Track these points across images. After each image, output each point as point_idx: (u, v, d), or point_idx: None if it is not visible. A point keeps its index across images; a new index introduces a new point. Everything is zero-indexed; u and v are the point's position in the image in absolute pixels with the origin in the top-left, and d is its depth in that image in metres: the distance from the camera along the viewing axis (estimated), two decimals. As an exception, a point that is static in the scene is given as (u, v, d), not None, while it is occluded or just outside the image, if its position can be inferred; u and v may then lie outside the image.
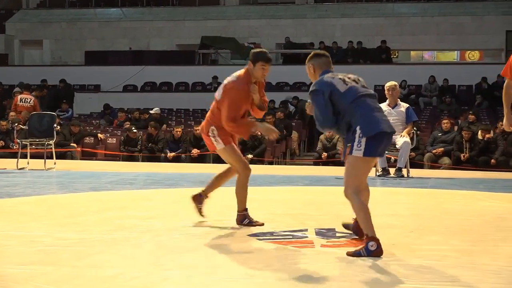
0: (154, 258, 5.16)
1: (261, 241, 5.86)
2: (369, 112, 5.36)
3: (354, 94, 5.40)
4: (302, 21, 27.80)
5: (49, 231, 6.33)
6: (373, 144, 5.30)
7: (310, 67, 5.76)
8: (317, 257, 5.22)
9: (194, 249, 5.51)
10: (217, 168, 13.45)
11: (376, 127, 5.31)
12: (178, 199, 8.79)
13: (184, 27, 28.42)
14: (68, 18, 28.85)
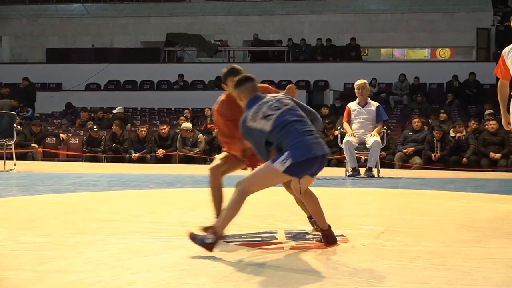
0: (119, 261, 5.04)
1: (229, 244, 5.78)
2: (298, 137, 5.29)
3: (281, 125, 5.32)
4: (270, 18, 27.71)
5: (9, 234, 6.20)
6: (300, 167, 5.29)
7: (238, 96, 5.63)
8: (287, 260, 5.15)
9: (160, 252, 5.40)
10: (183, 168, 13.31)
11: (305, 153, 5.27)
12: (143, 200, 8.67)
13: (149, 24, 28.20)
14: (28, 14, 28.49)
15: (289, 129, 5.32)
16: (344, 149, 11.76)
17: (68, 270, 4.79)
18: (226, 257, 5.25)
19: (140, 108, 22.99)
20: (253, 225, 6.70)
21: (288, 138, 5.28)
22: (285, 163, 5.22)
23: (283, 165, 5.23)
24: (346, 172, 11.85)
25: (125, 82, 24.93)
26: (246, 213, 7.45)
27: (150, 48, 27.48)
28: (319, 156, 5.34)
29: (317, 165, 5.39)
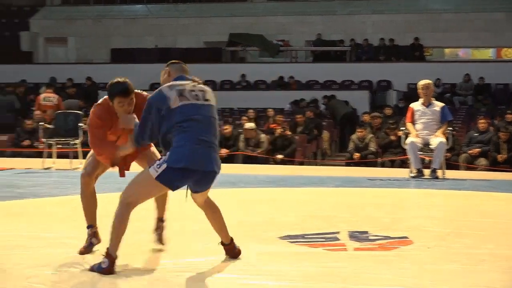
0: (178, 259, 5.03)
1: (292, 244, 5.75)
2: (185, 141, 4.74)
3: (184, 115, 4.77)
4: (332, 18, 27.55)
5: (75, 233, 6.24)
6: (173, 175, 4.72)
7: (165, 71, 5.25)
8: (350, 261, 5.12)
9: (219, 252, 5.36)
10: (245, 168, 13.34)
11: (181, 161, 4.71)
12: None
13: (211, 24, 28.31)
14: (93, 15, 28.86)
15: (186, 126, 4.78)
16: (408, 150, 11.62)
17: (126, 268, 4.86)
18: (288, 257, 5.24)
19: (202, 108, 23.10)
20: (316, 225, 6.66)
21: (177, 137, 4.75)
22: (159, 168, 4.70)
23: (157, 171, 4.71)
24: (410, 173, 11.71)
25: (188, 82, 25.10)
26: (309, 214, 7.46)
27: (212, 48, 27.60)
28: (199, 171, 4.82)
29: (194, 180, 4.87)
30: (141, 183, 4.81)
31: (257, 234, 6.22)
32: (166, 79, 5.13)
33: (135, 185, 4.82)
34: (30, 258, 5.21)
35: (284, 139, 15.46)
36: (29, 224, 6.78)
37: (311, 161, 16.33)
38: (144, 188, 4.82)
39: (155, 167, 4.72)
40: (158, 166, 4.71)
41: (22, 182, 10.52)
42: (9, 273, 4.76)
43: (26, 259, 5.15)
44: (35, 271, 4.79)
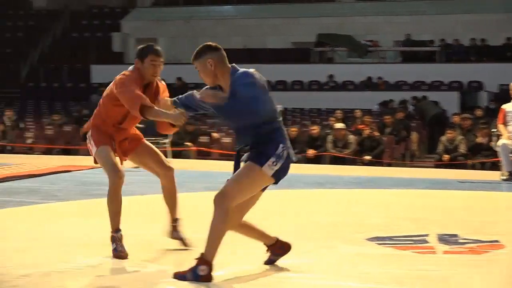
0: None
1: (380, 246, 5.71)
2: (286, 135, 4.64)
3: (274, 110, 4.62)
4: (421, 18, 27.17)
5: (164, 230, 6.33)
6: (285, 170, 4.64)
7: (210, 62, 4.63)
8: (439, 264, 5.04)
9: (310, 251, 5.40)
10: (333, 169, 13.28)
11: (293, 155, 4.67)
12: (293, 200, 8.69)
13: (299, 25, 28.28)
14: (182, 16, 29.21)
15: (278, 122, 4.64)
16: (500, 152, 11.39)
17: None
18: (375, 259, 5.20)
19: (290, 108, 23.12)
20: (405, 227, 6.58)
21: (282, 131, 4.59)
22: (275, 165, 4.52)
23: (272, 168, 4.53)
24: (501, 176, 11.46)
25: (276, 82, 25.14)
26: (397, 216, 7.38)
27: (300, 49, 27.59)
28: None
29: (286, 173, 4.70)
30: (249, 182, 4.56)
31: (345, 235, 6.20)
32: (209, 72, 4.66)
33: (240, 184, 4.54)
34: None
35: (372, 140, 15.34)
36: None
37: (399, 162, 16.15)
38: (253, 187, 4.61)
39: (270, 165, 4.50)
40: (274, 164, 4.50)
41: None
42: (99, 269, 4.86)
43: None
44: (124, 268, 4.88)
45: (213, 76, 4.63)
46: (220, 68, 4.63)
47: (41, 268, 4.86)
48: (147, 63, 5.26)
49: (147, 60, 5.25)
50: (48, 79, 26.79)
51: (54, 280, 4.57)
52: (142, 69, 5.26)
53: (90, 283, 4.51)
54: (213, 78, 4.63)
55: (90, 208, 7.78)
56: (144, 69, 5.26)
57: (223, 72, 4.64)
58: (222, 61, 4.66)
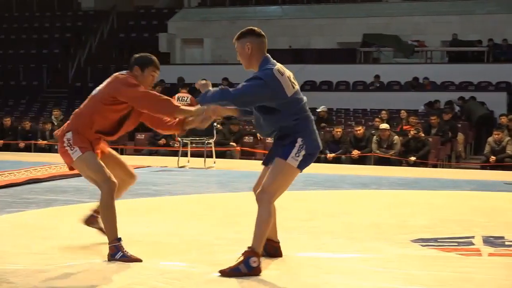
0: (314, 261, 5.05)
1: (424, 247, 5.68)
2: (312, 127, 4.84)
3: (299, 103, 4.79)
4: (469, 18, 26.85)
5: (208, 230, 6.39)
6: (308, 160, 4.82)
7: (248, 46, 4.84)
8: (484, 267, 5.00)
9: (354, 252, 5.38)
10: (378, 170, 13.21)
11: (317, 145, 4.86)
12: (338, 200, 8.67)
13: (345, 25, 28.16)
14: (228, 16, 29.26)
15: (304, 112, 4.82)
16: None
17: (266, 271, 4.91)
18: (419, 261, 5.17)
19: (335, 109, 23.04)
20: (450, 229, 6.53)
21: (302, 124, 4.77)
22: (298, 156, 4.75)
23: (296, 160, 4.76)
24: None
25: (321, 82, 25.06)
26: (442, 217, 7.32)
27: (346, 49, 27.47)
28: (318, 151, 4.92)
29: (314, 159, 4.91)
30: (283, 177, 4.80)
31: (389, 236, 6.17)
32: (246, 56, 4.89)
33: (277, 180, 4.78)
34: (165, 253, 5.34)
35: (418, 141, 15.22)
36: (165, 221, 6.96)
37: (445, 163, 16.00)
38: (287, 180, 4.85)
39: (293, 157, 4.73)
40: (297, 155, 4.74)
41: (158, 180, 10.81)
42: (145, 268, 4.90)
43: (161, 255, 5.29)
44: (170, 267, 4.92)
45: (248, 60, 4.85)
46: (256, 54, 4.84)
47: (85, 265, 4.94)
48: (147, 73, 5.30)
49: (148, 70, 5.31)
50: (95, 79, 27.05)
51: (97, 277, 4.64)
52: (140, 78, 5.28)
53: (133, 281, 4.56)
54: (248, 61, 4.86)
55: (135, 207, 7.85)
56: (142, 78, 5.29)
57: (257, 59, 4.85)
58: (259, 48, 4.85)
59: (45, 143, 17.27)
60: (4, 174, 10.66)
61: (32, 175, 10.67)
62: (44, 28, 30.16)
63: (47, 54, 28.22)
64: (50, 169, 11.61)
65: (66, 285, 4.47)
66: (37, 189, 9.38)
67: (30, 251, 5.39)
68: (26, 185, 9.75)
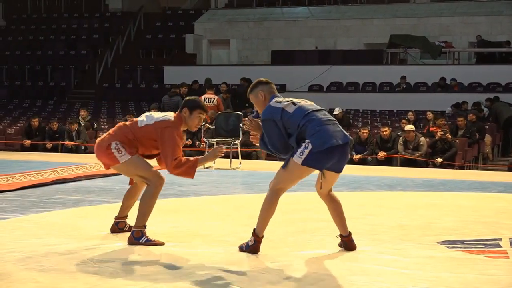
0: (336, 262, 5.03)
1: (451, 249, 5.65)
2: (319, 126, 5.24)
3: (303, 112, 5.29)
4: (497, 18, 26.65)
5: (233, 230, 6.39)
6: (321, 157, 5.20)
7: (261, 94, 5.52)
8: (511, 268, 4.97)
9: (378, 254, 5.38)
10: (404, 171, 13.15)
11: (326, 142, 5.18)
12: (363, 202, 8.64)
13: (372, 26, 28.06)
14: (255, 17, 29.26)
15: (310, 117, 5.27)
16: None
17: (280, 269, 4.90)
18: (446, 263, 5.13)
19: (361, 110, 22.95)
20: (477, 231, 6.48)
21: (309, 127, 5.22)
22: (302, 154, 5.19)
23: (300, 157, 5.19)
24: None
25: (347, 83, 24.98)
26: (469, 219, 7.27)
27: (372, 50, 27.35)
28: (339, 146, 5.22)
29: (338, 156, 5.27)
30: (287, 171, 5.30)
31: (415, 238, 6.15)
32: (261, 102, 5.52)
33: (282, 174, 5.33)
34: (188, 254, 5.36)
35: (445, 142, 15.13)
36: (189, 221, 6.98)
37: (472, 165, 15.91)
38: (290, 175, 5.33)
39: (298, 155, 5.20)
40: (301, 154, 5.19)
41: (183, 180, 10.77)
42: (166, 267, 4.91)
43: (184, 256, 5.30)
44: (192, 269, 4.92)
45: (263, 106, 5.47)
46: (268, 98, 5.49)
47: (111, 265, 4.95)
48: (194, 115, 5.82)
49: (196, 113, 5.82)
50: (122, 80, 27.20)
51: (124, 276, 4.66)
52: (187, 119, 5.82)
53: (159, 279, 4.57)
54: (263, 107, 5.46)
55: (161, 207, 7.86)
56: (190, 119, 5.82)
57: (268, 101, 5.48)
58: (271, 93, 5.51)
59: (72, 144, 17.37)
60: (31, 174, 10.73)
61: (59, 176, 10.73)
62: (72, 29, 30.39)
63: (75, 55, 28.42)
64: (77, 169, 11.68)
65: (93, 285, 4.49)
66: (64, 189, 9.43)
67: (57, 251, 5.42)
68: (53, 185, 9.81)
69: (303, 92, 24.16)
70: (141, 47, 29.35)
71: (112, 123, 20.59)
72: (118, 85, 26.80)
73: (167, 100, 19.17)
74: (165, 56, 28.83)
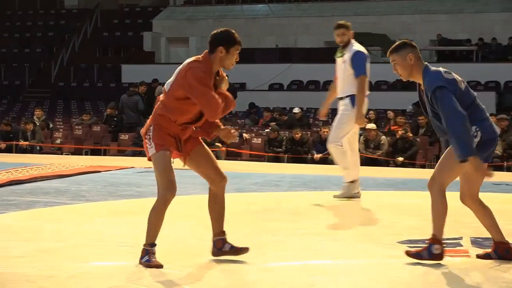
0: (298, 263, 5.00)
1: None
2: (486, 114, 5.04)
3: (473, 95, 5.03)
4: (458, 16, 26.84)
5: (193, 231, 6.29)
6: (487, 146, 4.93)
7: (411, 57, 5.08)
8: (473, 268, 4.96)
9: (339, 255, 5.30)
10: (365, 170, 13.11)
11: (494, 130, 5.00)
12: (323, 202, 8.57)
13: (333, 23, 28.06)
14: (214, 15, 29.15)
15: (478, 103, 5.04)
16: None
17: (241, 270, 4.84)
18: (408, 263, 5.06)
19: (323, 109, 22.95)
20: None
21: (479, 113, 4.96)
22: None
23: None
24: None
25: (308, 82, 25.00)
26: (430, 219, 7.19)
27: (333, 48, 27.22)
28: (496, 137, 5.04)
29: (494, 148, 5.05)
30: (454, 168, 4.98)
31: (376, 237, 6.11)
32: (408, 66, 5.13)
33: (448, 167, 5.03)
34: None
35: (406, 141, 15.14)
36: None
37: (433, 164, 15.92)
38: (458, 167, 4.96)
39: None
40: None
41: (142, 181, 10.68)
42: (125, 269, 4.80)
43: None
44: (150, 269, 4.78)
45: (409, 71, 5.10)
46: (417, 64, 5.07)
47: (67, 269, 4.80)
48: (231, 52, 4.93)
49: (234, 50, 4.94)
50: (78, 79, 26.94)
51: (80, 281, 4.52)
52: (223, 58, 4.90)
53: (117, 284, 4.44)
54: (409, 72, 5.10)
55: (119, 208, 7.74)
56: (226, 59, 4.91)
57: (418, 69, 5.08)
58: (419, 58, 5.10)
59: (27, 144, 17.07)
60: (-15, 176, 10.51)
61: (13, 177, 10.52)
62: (26, 26, 30.00)
63: (29, 53, 28.10)
64: (32, 170, 11.48)
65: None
66: (18, 190, 9.24)
67: (11, 254, 5.26)
68: (7, 186, 9.60)
69: (263, 90, 24.12)
70: (98, 45, 29.12)
71: (68, 123, 20.37)
72: (74, 84, 26.53)
73: (126, 99, 18.99)
74: (122, 54, 28.60)
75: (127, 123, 18.83)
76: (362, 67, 8.48)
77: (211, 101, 4.77)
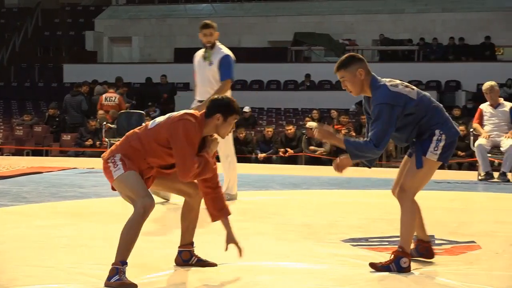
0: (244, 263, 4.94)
1: (355, 247, 5.66)
2: (445, 114, 4.92)
3: (429, 100, 4.88)
4: (400, 16, 27.12)
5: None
6: (449, 149, 4.84)
7: (360, 72, 4.79)
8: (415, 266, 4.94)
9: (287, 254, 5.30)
10: (309, 169, 13.16)
11: (457, 131, 4.89)
12: (269, 201, 8.58)
13: (276, 23, 28.16)
14: (157, 14, 28.98)
15: (436, 105, 4.90)
16: (476, 153, 11.30)
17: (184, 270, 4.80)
18: (351, 262, 5.10)
19: (266, 108, 23.01)
20: (381, 229, 6.50)
21: (437, 113, 4.84)
22: (436, 149, 4.78)
23: (436, 153, 4.80)
24: (478, 176, 11.41)
25: (252, 81, 25.02)
26: (373, 217, 7.29)
27: (277, 48, 27.48)
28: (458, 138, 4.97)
29: (453, 149, 4.95)
30: (424, 171, 4.84)
31: (320, 236, 6.11)
32: (359, 81, 4.82)
33: (416, 177, 4.86)
34: (91, 257, 5.17)
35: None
36: (92, 223, 6.77)
37: (376, 162, 16.08)
38: (426, 175, 4.89)
39: (432, 152, 4.79)
40: (436, 149, 4.78)
41: (84, 181, 10.57)
42: (67, 272, 4.71)
43: (87, 259, 5.10)
44: (95, 270, 4.72)
45: (361, 86, 4.83)
46: (367, 79, 4.83)
47: (8, 272, 4.72)
48: (229, 121, 4.73)
49: (231, 119, 4.74)
50: (19, 78, 26.53)
51: (22, 283, 4.43)
52: (219, 126, 4.71)
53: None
54: (360, 88, 4.84)
55: (61, 210, 7.64)
56: (223, 127, 4.72)
57: (368, 83, 4.84)
58: (369, 72, 4.85)
59: (-34, 145, 16.78)
60: None
61: (-49, 178, 10.32)
62: (-36, 25, 29.46)
63: (-33, 52, 27.60)
64: (-28, 171, 11.27)
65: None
66: (-43, 192, 9.05)
67: None
68: None
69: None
70: (39, 44, 28.75)
71: (9, 123, 20.05)
72: (14, 84, 26.13)
73: (70, 99, 18.79)
74: (64, 53, 28.26)
75: (70, 123, 18.63)
76: (231, 71, 8.47)
77: (187, 162, 4.60)
